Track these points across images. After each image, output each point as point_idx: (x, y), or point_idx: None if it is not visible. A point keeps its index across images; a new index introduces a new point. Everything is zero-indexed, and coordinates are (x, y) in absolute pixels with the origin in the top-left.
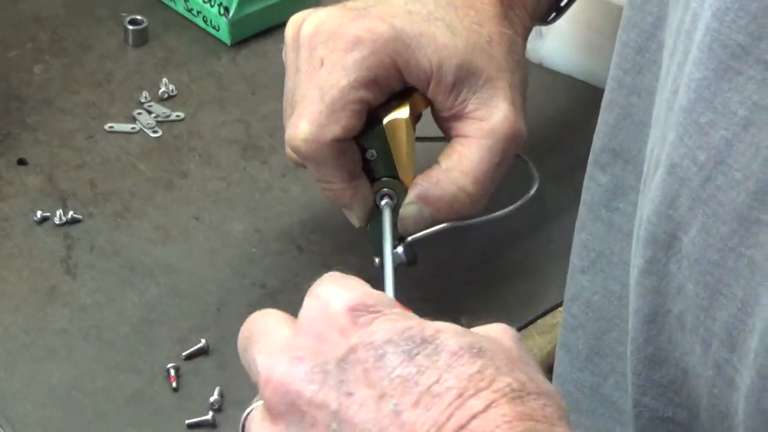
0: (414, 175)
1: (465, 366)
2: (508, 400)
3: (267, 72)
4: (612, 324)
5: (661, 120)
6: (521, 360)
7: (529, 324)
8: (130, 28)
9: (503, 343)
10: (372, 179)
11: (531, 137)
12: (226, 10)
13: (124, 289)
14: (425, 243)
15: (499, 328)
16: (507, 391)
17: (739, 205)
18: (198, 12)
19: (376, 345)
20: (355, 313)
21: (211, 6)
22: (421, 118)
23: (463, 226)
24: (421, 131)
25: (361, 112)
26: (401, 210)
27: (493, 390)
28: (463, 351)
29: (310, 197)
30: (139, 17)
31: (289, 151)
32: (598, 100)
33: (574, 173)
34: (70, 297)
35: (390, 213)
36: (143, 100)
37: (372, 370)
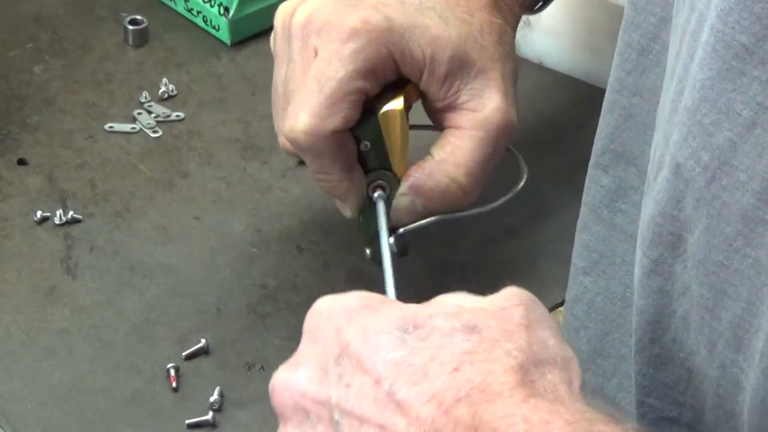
0: (407, 167)
1: (458, 343)
2: (506, 369)
3: (267, 72)
4: (615, 325)
5: (664, 120)
6: (525, 328)
7: None
8: (130, 28)
9: (508, 311)
10: (365, 170)
11: (530, 137)
12: (226, 10)
13: (124, 289)
14: (421, 241)
15: (508, 294)
16: (505, 361)
17: (744, 205)
18: (198, 12)
19: (370, 336)
20: (350, 313)
21: (211, 6)
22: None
23: (457, 220)
24: (412, 119)
25: (359, 103)
26: (394, 201)
27: (492, 360)
28: (456, 330)
29: (310, 197)
30: (139, 17)
31: (283, 141)
32: (597, 100)
33: (573, 173)
34: (70, 297)
35: (384, 205)
36: (143, 100)
37: (366, 359)
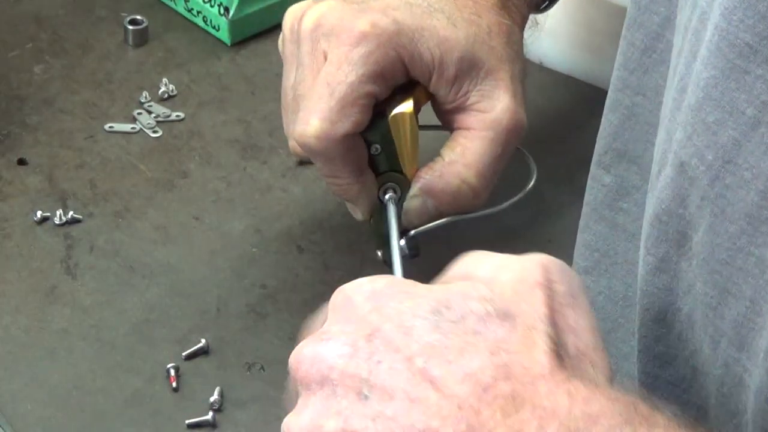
0: (417, 169)
1: (493, 330)
2: (543, 352)
3: (267, 72)
4: (617, 324)
5: (667, 119)
6: (555, 309)
7: None
8: (130, 28)
9: (540, 291)
10: (375, 173)
11: (531, 137)
12: (226, 10)
13: (124, 289)
14: (423, 242)
15: (538, 262)
16: (541, 347)
17: (748, 204)
18: (198, 12)
19: (403, 320)
20: (381, 297)
21: (211, 6)
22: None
23: (465, 221)
24: (421, 120)
25: (369, 106)
26: (405, 203)
27: (527, 347)
28: (490, 316)
29: (310, 197)
30: (139, 17)
31: (293, 145)
32: (598, 100)
33: (574, 173)
34: (70, 297)
35: (395, 207)
36: (143, 100)
37: (399, 340)
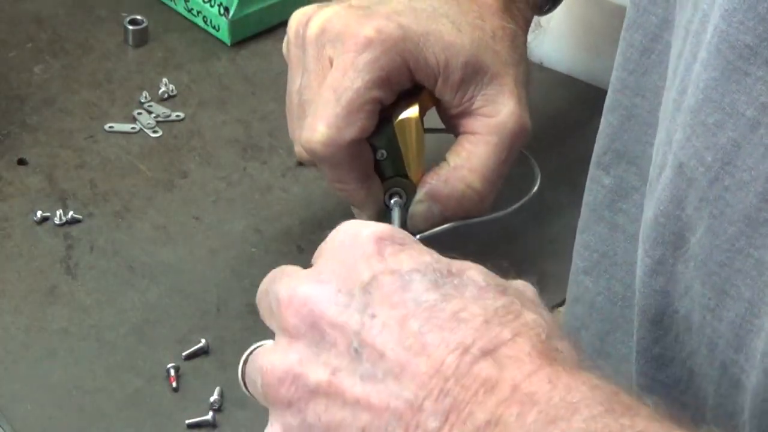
0: (423, 174)
1: (491, 299)
2: (534, 334)
3: (267, 72)
4: (616, 325)
5: (667, 120)
6: (540, 306)
7: None
8: (130, 28)
9: (525, 293)
10: (381, 178)
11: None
12: (226, 10)
13: (124, 289)
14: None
15: (520, 283)
16: (533, 325)
17: (747, 206)
18: (198, 12)
19: (403, 272)
20: (383, 242)
21: (211, 6)
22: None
23: (470, 224)
24: (426, 123)
25: (375, 112)
26: (411, 208)
27: (521, 323)
28: (490, 287)
29: (310, 197)
30: (139, 17)
31: (299, 150)
32: (598, 100)
33: (574, 173)
34: (70, 297)
35: (400, 212)
36: (143, 100)
37: (396, 295)
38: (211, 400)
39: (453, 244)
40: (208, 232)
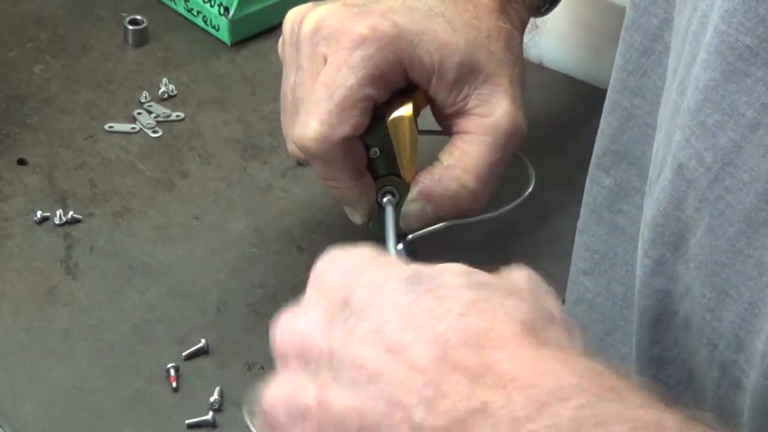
0: (416, 173)
1: (467, 295)
2: (515, 321)
3: (267, 72)
4: (616, 325)
5: (666, 121)
6: (530, 291)
7: None
8: (130, 28)
9: (513, 277)
10: (374, 177)
11: (530, 137)
12: (226, 10)
13: (124, 289)
14: (426, 243)
15: (514, 273)
16: (514, 313)
17: (747, 206)
18: (198, 12)
19: (377, 284)
20: (359, 264)
21: (211, 6)
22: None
23: (463, 224)
24: (420, 125)
25: (368, 110)
26: (404, 207)
27: (500, 312)
28: (464, 284)
29: (310, 197)
30: (139, 17)
31: (292, 148)
32: (598, 101)
33: (574, 174)
34: (70, 297)
35: (393, 211)
36: (143, 100)
37: (372, 306)
38: (211, 400)
39: (452, 244)
40: (208, 232)
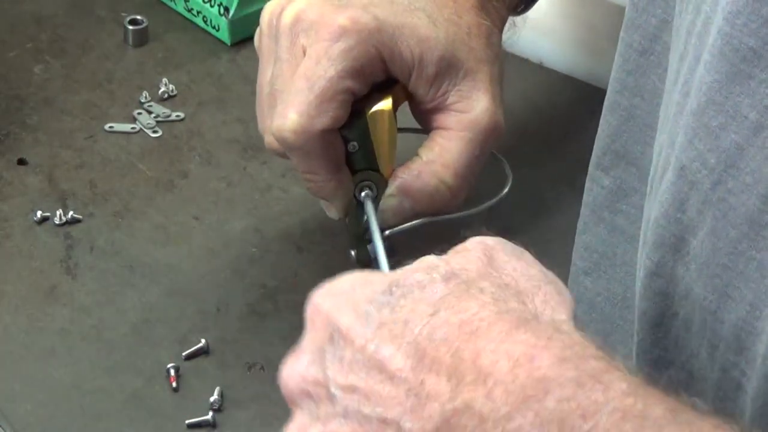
0: (394, 168)
1: (436, 292)
2: (482, 305)
3: None
4: (615, 326)
5: (670, 123)
6: (502, 263)
7: None
8: (130, 28)
9: (480, 252)
10: (351, 171)
11: (531, 137)
12: (226, 10)
13: (124, 289)
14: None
15: (472, 241)
16: (480, 298)
17: (750, 208)
18: (198, 12)
19: (358, 308)
20: (341, 295)
21: (211, 6)
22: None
23: (458, 221)
24: (398, 123)
25: (348, 102)
26: (382, 202)
27: (466, 300)
28: (434, 281)
29: (310, 197)
30: (139, 17)
31: (270, 140)
32: (598, 101)
33: (574, 174)
34: (70, 297)
35: (373, 205)
36: (143, 100)
37: (354, 330)
38: (211, 400)
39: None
40: (208, 232)
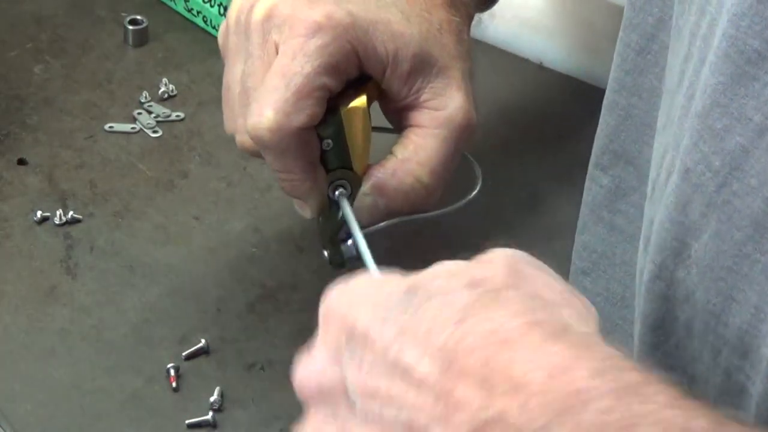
0: (368, 166)
1: (461, 298)
2: (512, 314)
3: None
4: (614, 326)
5: (674, 125)
6: (528, 274)
7: None
8: (130, 28)
9: (507, 262)
10: (325, 170)
11: (531, 137)
12: (226, 10)
13: (124, 289)
14: (418, 240)
15: (495, 252)
16: (510, 306)
17: (755, 211)
18: (198, 12)
19: (377, 310)
20: (357, 295)
21: (211, 6)
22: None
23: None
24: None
25: (324, 99)
26: (356, 202)
27: (495, 308)
28: (454, 287)
29: None
30: (139, 17)
31: (242, 140)
32: (598, 101)
33: (574, 173)
34: (70, 297)
35: (348, 203)
36: (143, 100)
37: (373, 332)
38: (211, 400)
39: (451, 244)
40: (208, 232)
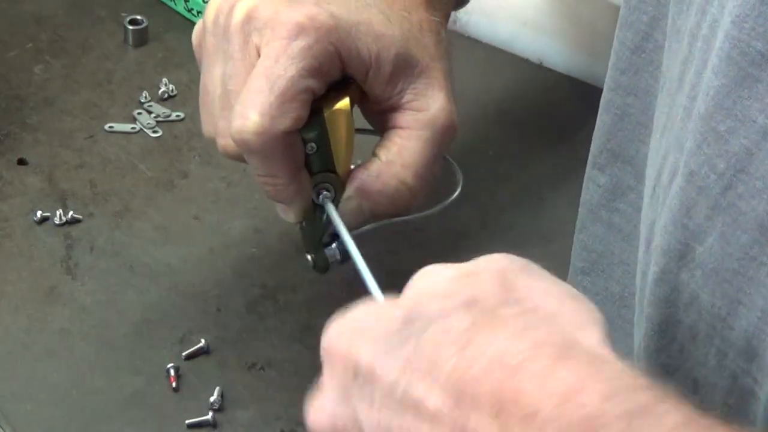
0: (349, 169)
1: (459, 321)
2: (514, 334)
3: None
4: (614, 325)
5: (676, 127)
6: (523, 285)
7: None
8: (130, 28)
9: (502, 271)
10: (309, 173)
11: (530, 137)
12: None
13: (124, 289)
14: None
15: (479, 263)
16: (511, 327)
17: (760, 213)
18: (198, 12)
19: (378, 344)
20: (357, 328)
21: None
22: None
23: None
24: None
25: (309, 102)
26: (340, 205)
27: (497, 330)
28: (451, 309)
29: None
30: (139, 17)
31: (224, 143)
32: (597, 100)
33: (573, 173)
34: (70, 297)
35: (333, 206)
36: (143, 100)
37: (378, 368)
38: (211, 400)
39: (450, 244)
40: (208, 232)
